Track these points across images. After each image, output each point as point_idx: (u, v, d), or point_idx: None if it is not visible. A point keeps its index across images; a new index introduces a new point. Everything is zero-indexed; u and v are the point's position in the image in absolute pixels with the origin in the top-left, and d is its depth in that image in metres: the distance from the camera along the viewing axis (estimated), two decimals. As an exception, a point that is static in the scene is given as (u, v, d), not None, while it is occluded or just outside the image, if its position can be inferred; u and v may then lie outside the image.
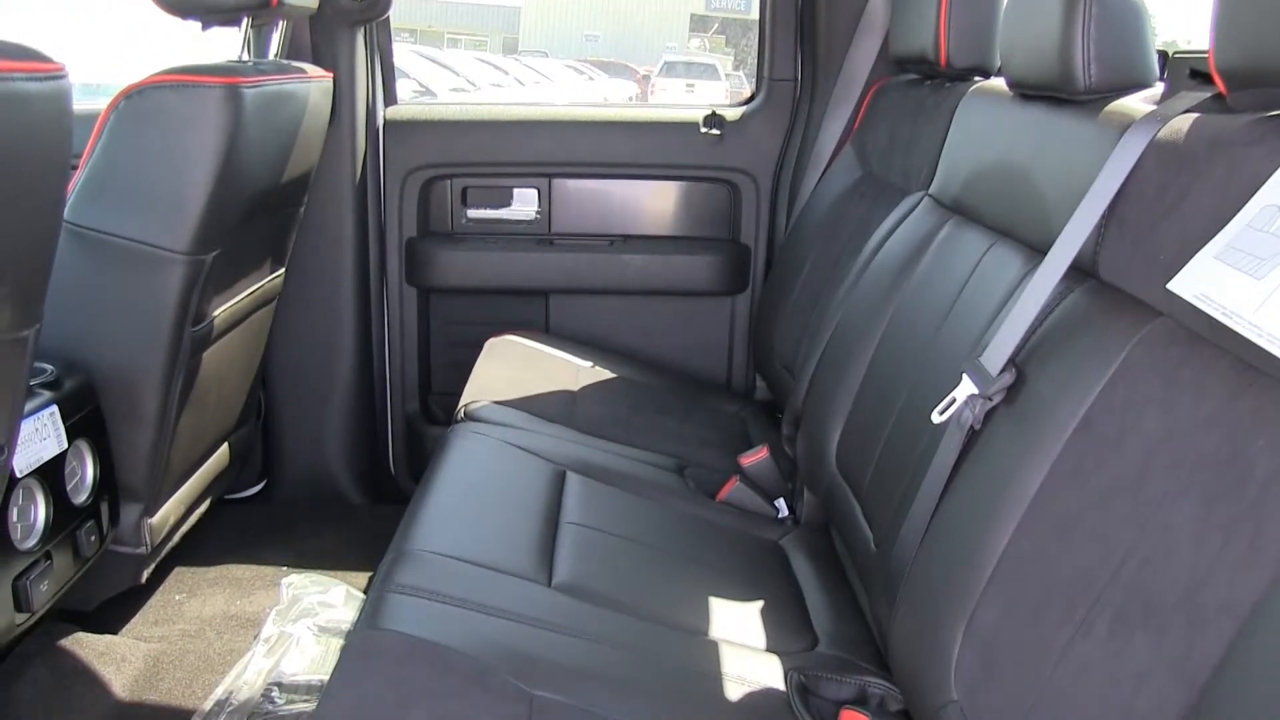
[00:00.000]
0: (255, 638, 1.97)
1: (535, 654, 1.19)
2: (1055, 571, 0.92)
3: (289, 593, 2.10)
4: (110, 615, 2.05)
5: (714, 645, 1.30)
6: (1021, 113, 1.42)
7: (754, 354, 2.51)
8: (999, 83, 1.56)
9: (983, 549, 1.01)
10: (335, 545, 2.39)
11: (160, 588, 2.20)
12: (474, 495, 1.58)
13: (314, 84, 2.05)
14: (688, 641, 1.31)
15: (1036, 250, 1.25)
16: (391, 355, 2.61)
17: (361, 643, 1.15)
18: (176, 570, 2.26)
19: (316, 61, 2.29)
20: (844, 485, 1.53)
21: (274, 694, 1.77)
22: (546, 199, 2.54)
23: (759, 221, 2.51)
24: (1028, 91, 1.40)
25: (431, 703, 1.07)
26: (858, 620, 1.44)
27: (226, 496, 2.61)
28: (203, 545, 2.35)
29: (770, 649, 1.33)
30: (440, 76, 10.16)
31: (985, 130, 1.55)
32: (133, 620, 2.07)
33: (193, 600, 2.15)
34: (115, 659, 1.88)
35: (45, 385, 1.65)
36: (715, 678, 1.22)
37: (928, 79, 1.96)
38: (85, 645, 1.90)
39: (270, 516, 2.55)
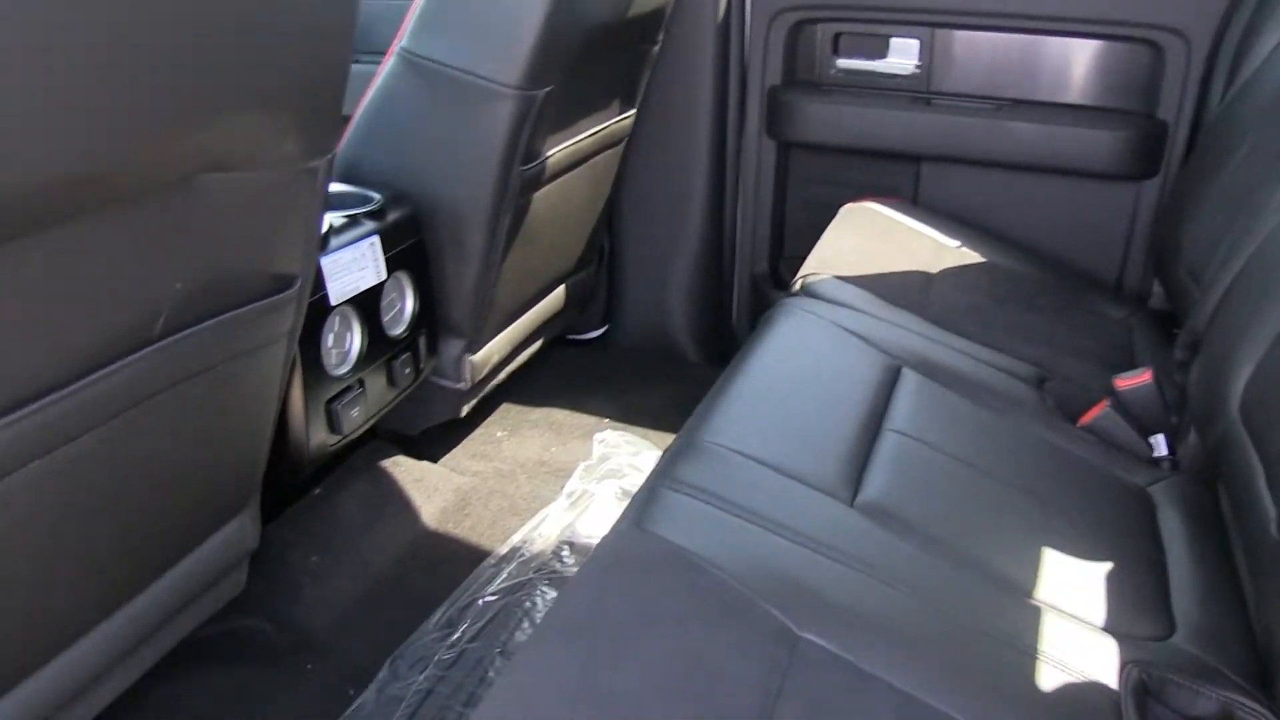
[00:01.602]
0: (562, 490, 1.92)
1: (814, 587, 1.00)
2: None
3: (600, 449, 2.03)
4: (434, 442, 2.08)
5: (1036, 612, 1.06)
6: None
7: (1155, 253, 2.12)
8: None
9: None
10: (661, 404, 2.30)
11: (485, 422, 2.20)
12: (788, 384, 1.39)
13: (674, -94, 1.86)
14: (1005, 601, 1.07)
15: None
16: (744, 211, 2.44)
17: (615, 542, 1.01)
18: (504, 406, 2.26)
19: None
20: (1245, 439, 1.20)
21: (564, 553, 1.71)
22: (928, 51, 2.22)
23: (1185, 93, 2.07)
24: None
25: (676, 628, 0.91)
26: (1234, 612, 1.14)
27: (569, 337, 2.59)
28: (533, 384, 2.33)
29: (1109, 629, 1.07)
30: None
31: None
32: (453, 451, 2.08)
33: (511, 439, 2.14)
34: (428, 487, 1.90)
35: (370, 214, 1.62)
36: (1028, 654, 0.99)
37: None
38: (403, 469, 1.93)
39: (604, 364, 2.49)
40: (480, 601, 1.59)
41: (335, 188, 1.70)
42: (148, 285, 1.00)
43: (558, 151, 1.89)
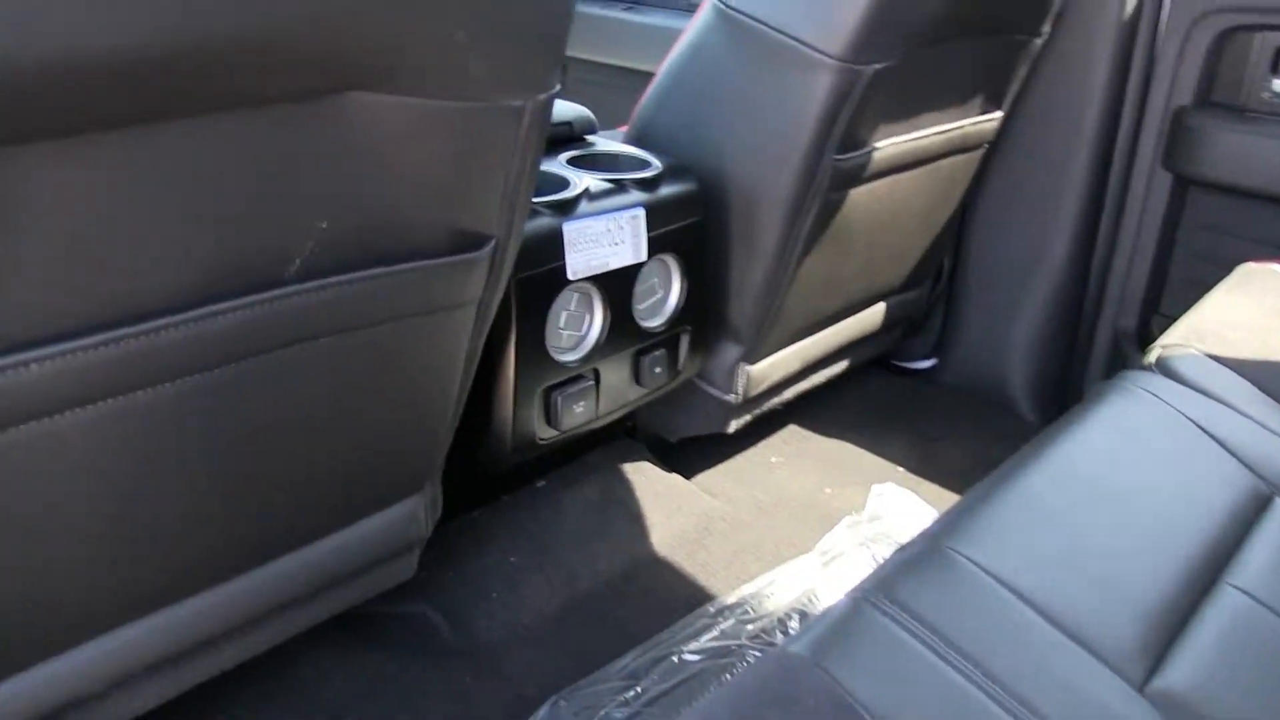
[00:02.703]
0: (819, 541, 1.63)
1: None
2: None
3: (875, 503, 1.71)
4: (694, 454, 1.84)
5: None
6: None
7: None
8: None
9: None
10: (972, 463, 1.93)
11: (760, 442, 1.94)
12: (1093, 489, 1.03)
13: None
14: None
15: None
16: (1119, 252, 2.01)
17: (770, 667, 0.73)
18: (789, 428, 1.99)
19: None
20: None
21: (792, 622, 1.43)
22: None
23: None
24: None
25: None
26: None
27: (892, 363, 2.28)
28: (830, 409, 2.04)
29: None
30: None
31: None
32: (714, 468, 1.84)
33: (785, 468, 1.86)
34: (670, 505, 1.67)
35: (640, 183, 1.39)
36: None
37: None
38: (648, 478, 1.71)
39: (921, 401, 2.15)
40: (676, 657, 1.35)
41: (615, 147, 1.49)
42: (280, 216, 0.83)
43: (890, 145, 1.59)
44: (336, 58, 0.76)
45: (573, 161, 1.40)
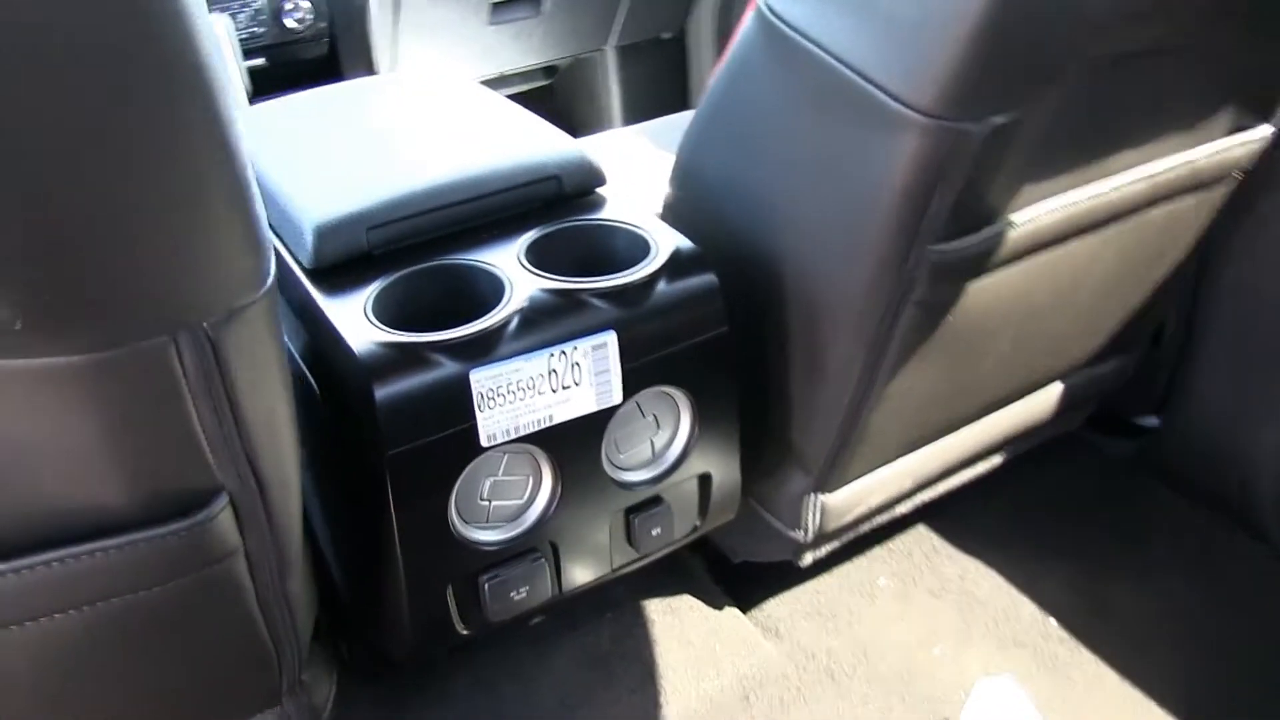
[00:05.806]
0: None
1: None
2: None
3: (972, 709, 1.23)
4: (770, 573, 1.40)
5: None
6: None
7: None
8: None
9: None
10: (1161, 625, 1.39)
11: (871, 552, 1.46)
12: None
13: None
14: None
15: None
16: None
17: None
18: (915, 531, 1.50)
19: None
20: None
21: None
22: None
23: None
24: None
25: None
26: None
27: (1128, 420, 1.70)
28: (980, 511, 1.53)
29: None
30: None
31: None
32: (788, 592, 1.39)
33: (889, 602, 1.39)
34: (706, 654, 1.25)
35: (611, 294, 0.93)
36: None
37: None
38: (684, 613, 1.30)
39: (1114, 507, 1.58)
40: None
41: (621, 216, 1.02)
42: None
43: (1047, 215, 1.05)
44: None
45: (534, 249, 0.96)
